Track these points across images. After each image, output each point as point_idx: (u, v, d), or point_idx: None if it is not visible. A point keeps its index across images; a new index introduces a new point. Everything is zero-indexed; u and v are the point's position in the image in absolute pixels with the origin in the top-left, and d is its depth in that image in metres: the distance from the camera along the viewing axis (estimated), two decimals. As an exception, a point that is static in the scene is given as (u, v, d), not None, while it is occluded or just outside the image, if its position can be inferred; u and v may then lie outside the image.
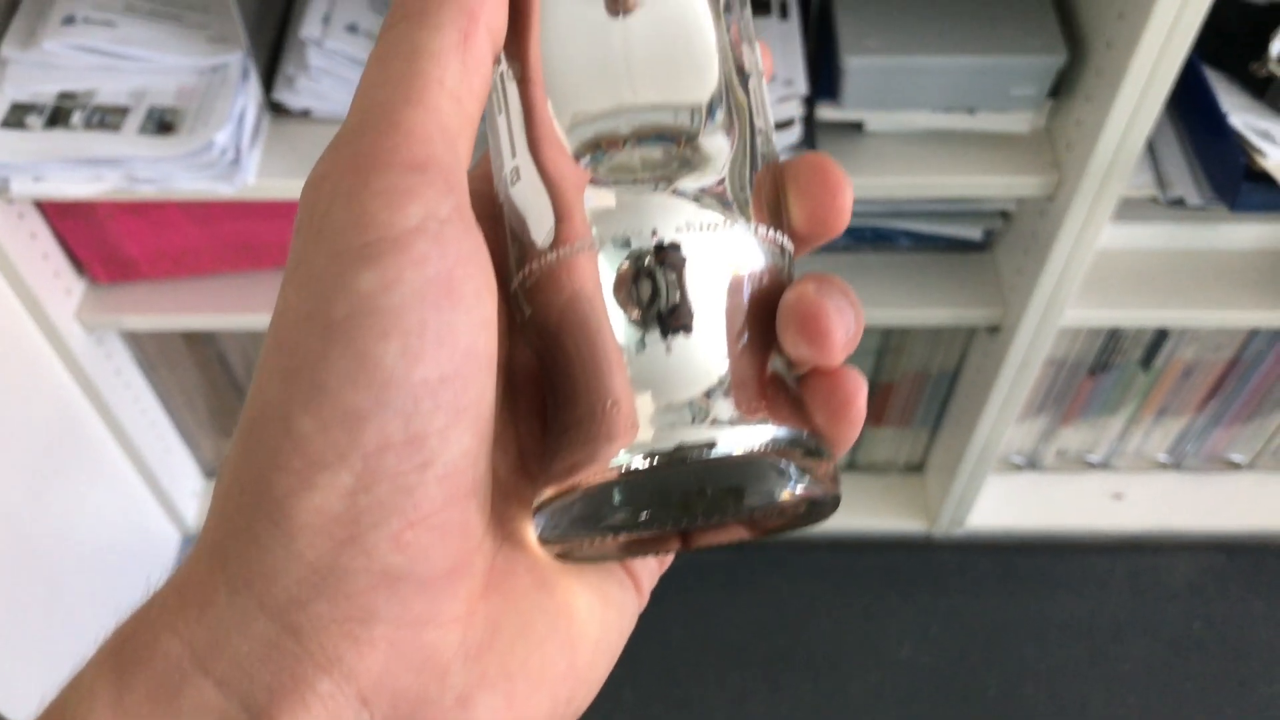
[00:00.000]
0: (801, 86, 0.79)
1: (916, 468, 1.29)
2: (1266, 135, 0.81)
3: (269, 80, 0.85)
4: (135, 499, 1.16)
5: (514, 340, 0.27)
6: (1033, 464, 1.27)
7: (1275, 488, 1.27)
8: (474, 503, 0.23)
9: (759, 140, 0.26)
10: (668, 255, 0.24)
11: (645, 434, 0.23)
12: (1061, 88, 0.83)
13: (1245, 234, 0.97)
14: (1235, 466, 1.27)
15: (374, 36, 0.84)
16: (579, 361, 0.24)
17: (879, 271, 1.00)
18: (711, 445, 0.23)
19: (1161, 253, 0.98)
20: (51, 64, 0.83)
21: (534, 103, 0.25)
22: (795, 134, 0.81)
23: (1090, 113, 0.79)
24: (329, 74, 0.83)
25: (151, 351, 1.09)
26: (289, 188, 0.84)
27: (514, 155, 0.25)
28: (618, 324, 0.24)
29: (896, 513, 1.27)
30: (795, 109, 0.80)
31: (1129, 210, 0.88)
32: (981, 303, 0.98)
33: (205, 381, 1.13)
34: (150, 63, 0.83)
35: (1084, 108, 0.80)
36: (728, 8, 0.26)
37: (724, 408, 0.23)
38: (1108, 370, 1.12)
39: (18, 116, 0.82)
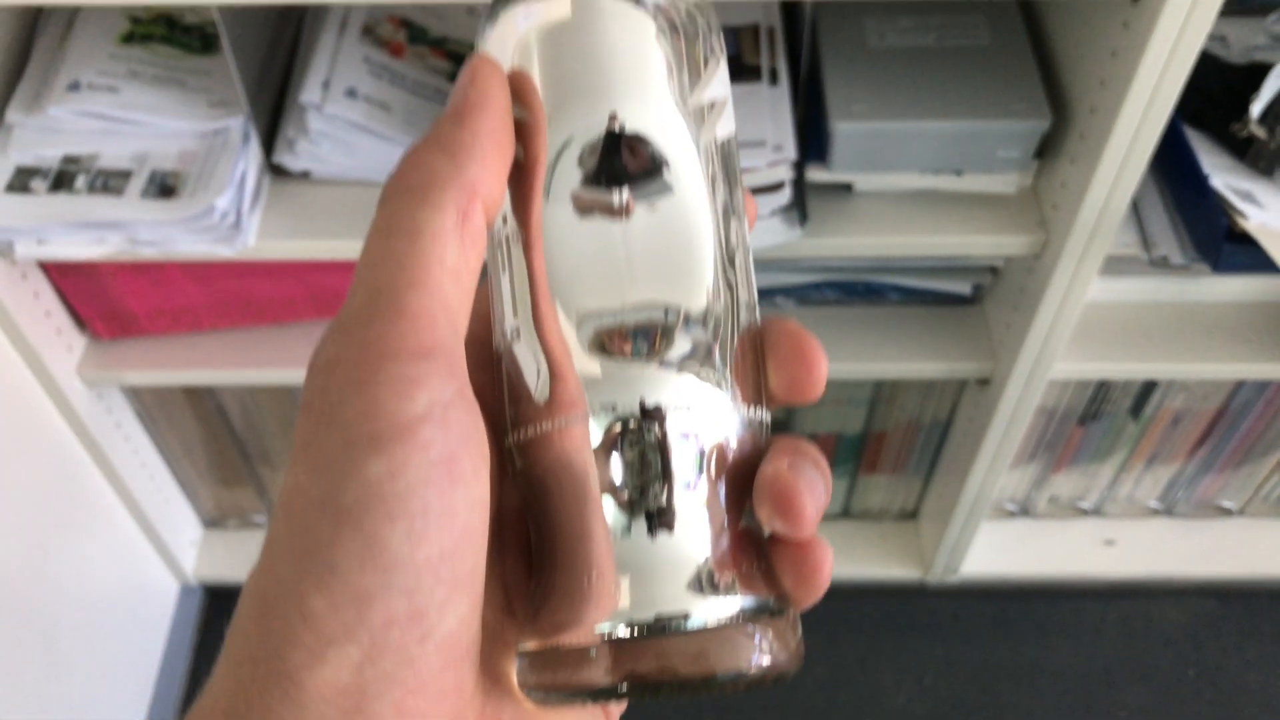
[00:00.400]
0: (791, 151, 0.81)
1: (910, 515, 1.30)
2: (1248, 196, 0.82)
3: (269, 143, 0.87)
4: (134, 550, 1.17)
5: (503, 482, 0.28)
6: (1025, 511, 1.28)
7: (1266, 533, 1.28)
8: (467, 663, 0.24)
9: (743, 312, 0.28)
10: (657, 439, 0.26)
11: (625, 603, 0.25)
12: (1047, 150, 0.84)
13: (1230, 288, 0.98)
14: (1226, 513, 1.28)
15: (372, 101, 0.86)
16: (567, 529, 0.26)
17: (870, 324, 1.01)
18: (687, 617, 0.25)
19: (1148, 306, 0.99)
20: (56, 128, 0.85)
21: (537, 282, 0.27)
22: (785, 196, 0.83)
23: (1075, 175, 0.80)
24: (328, 137, 0.85)
25: (151, 405, 1.10)
26: (289, 248, 0.85)
27: (515, 315, 0.27)
28: (607, 506, 0.26)
29: (890, 560, 1.27)
30: (785, 172, 0.82)
31: (1116, 265, 0.89)
32: (971, 356, 0.99)
33: (204, 433, 1.14)
34: (153, 127, 0.85)
35: (1069, 170, 0.81)
36: (718, 185, 0.28)
37: (700, 582, 0.25)
38: (1098, 419, 1.14)
39: (22, 180, 0.83)
